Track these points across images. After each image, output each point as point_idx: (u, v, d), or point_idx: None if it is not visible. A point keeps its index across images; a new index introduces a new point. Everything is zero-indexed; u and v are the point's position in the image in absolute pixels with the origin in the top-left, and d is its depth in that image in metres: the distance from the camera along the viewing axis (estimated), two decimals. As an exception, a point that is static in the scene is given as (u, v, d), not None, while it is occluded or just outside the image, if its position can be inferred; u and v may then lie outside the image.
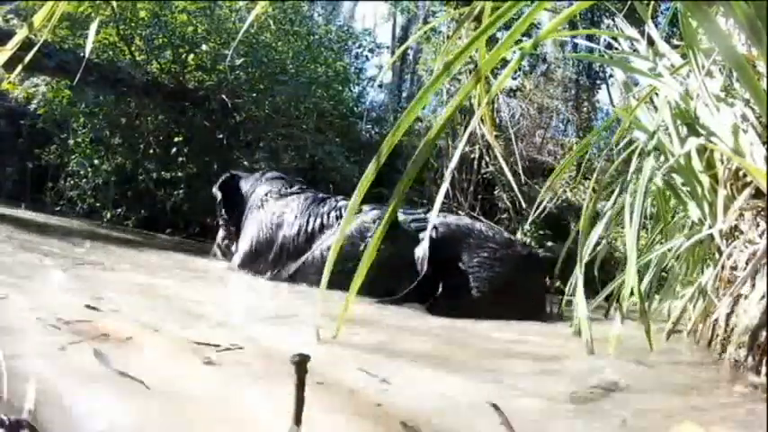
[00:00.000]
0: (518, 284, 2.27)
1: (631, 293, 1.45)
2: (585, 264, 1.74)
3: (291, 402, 0.64)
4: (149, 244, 3.76)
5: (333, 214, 2.40)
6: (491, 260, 2.26)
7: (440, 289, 2.14)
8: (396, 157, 6.69)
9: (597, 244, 1.94)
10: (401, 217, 2.32)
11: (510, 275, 2.27)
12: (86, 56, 1.74)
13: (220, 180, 3.04)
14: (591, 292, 1.94)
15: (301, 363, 0.67)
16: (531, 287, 2.39)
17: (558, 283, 2.10)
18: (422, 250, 2.19)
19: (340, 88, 6.58)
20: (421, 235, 2.24)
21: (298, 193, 2.67)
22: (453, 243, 2.26)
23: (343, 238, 1.13)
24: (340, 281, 1.20)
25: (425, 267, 2.14)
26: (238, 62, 5.02)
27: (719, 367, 1.37)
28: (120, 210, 5.41)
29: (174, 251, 3.41)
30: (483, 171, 6.36)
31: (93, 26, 1.65)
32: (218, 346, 0.99)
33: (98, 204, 5.52)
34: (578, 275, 1.62)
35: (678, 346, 1.80)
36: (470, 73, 6.15)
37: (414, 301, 2.12)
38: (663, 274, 2.37)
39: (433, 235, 2.22)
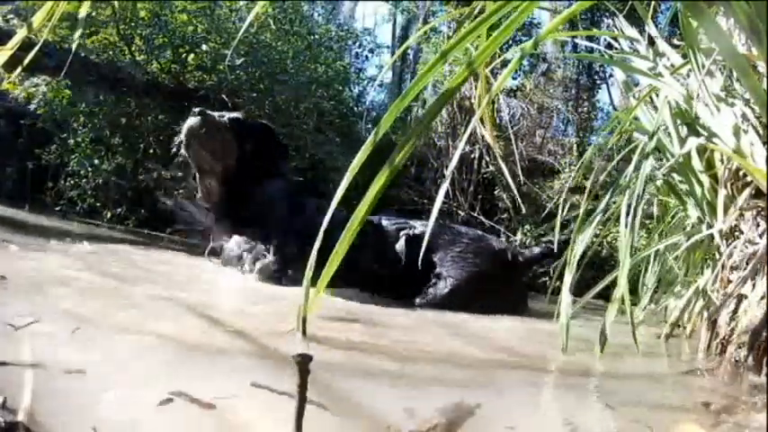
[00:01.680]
0: (493, 278, 2.44)
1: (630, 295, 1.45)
2: (586, 264, 1.74)
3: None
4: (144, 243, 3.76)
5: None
6: (464, 253, 2.45)
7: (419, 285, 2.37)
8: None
9: (592, 243, 1.94)
10: (384, 222, 2.51)
11: (483, 268, 2.44)
12: (73, 49, 1.71)
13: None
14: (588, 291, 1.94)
15: (303, 363, 0.64)
16: (508, 282, 2.56)
17: (557, 283, 2.12)
18: (401, 244, 2.41)
19: (340, 88, 6.58)
20: (401, 233, 2.46)
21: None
22: (430, 239, 2.43)
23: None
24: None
25: (404, 258, 2.35)
26: (238, 62, 5.02)
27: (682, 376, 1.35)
28: (120, 209, 5.41)
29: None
30: (483, 171, 6.36)
31: (83, 11, 1.59)
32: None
33: (98, 204, 5.52)
34: (566, 274, 1.64)
35: (673, 347, 1.80)
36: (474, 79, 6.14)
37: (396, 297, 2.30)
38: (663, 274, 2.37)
39: (410, 233, 2.43)
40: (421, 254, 1.56)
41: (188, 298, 1.61)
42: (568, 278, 1.58)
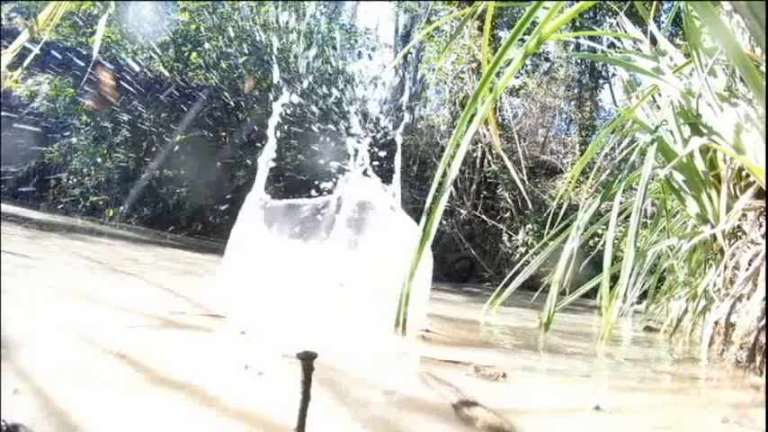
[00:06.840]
0: None
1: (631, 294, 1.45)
2: (587, 262, 1.75)
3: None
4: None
5: None
6: None
7: None
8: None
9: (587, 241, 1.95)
10: None
11: None
12: (94, 57, 1.70)
13: None
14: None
15: (308, 359, 0.64)
16: None
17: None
18: None
19: (342, 86, 6.59)
20: None
21: None
22: None
23: None
24: None
25: None
26: (241, 60, 5.03)
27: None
28: (122, 207, 5.43)
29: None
30: (485, 170, 6.36)
31: (102, 22, 1.62)
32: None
33: (100, 202, 5.54)
34: (559, 271, 1.66)
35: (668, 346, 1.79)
36: (473, 72, 6.14)
37: None
38: (660, 273, 2.36)
39: None
40: None
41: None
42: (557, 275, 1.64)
